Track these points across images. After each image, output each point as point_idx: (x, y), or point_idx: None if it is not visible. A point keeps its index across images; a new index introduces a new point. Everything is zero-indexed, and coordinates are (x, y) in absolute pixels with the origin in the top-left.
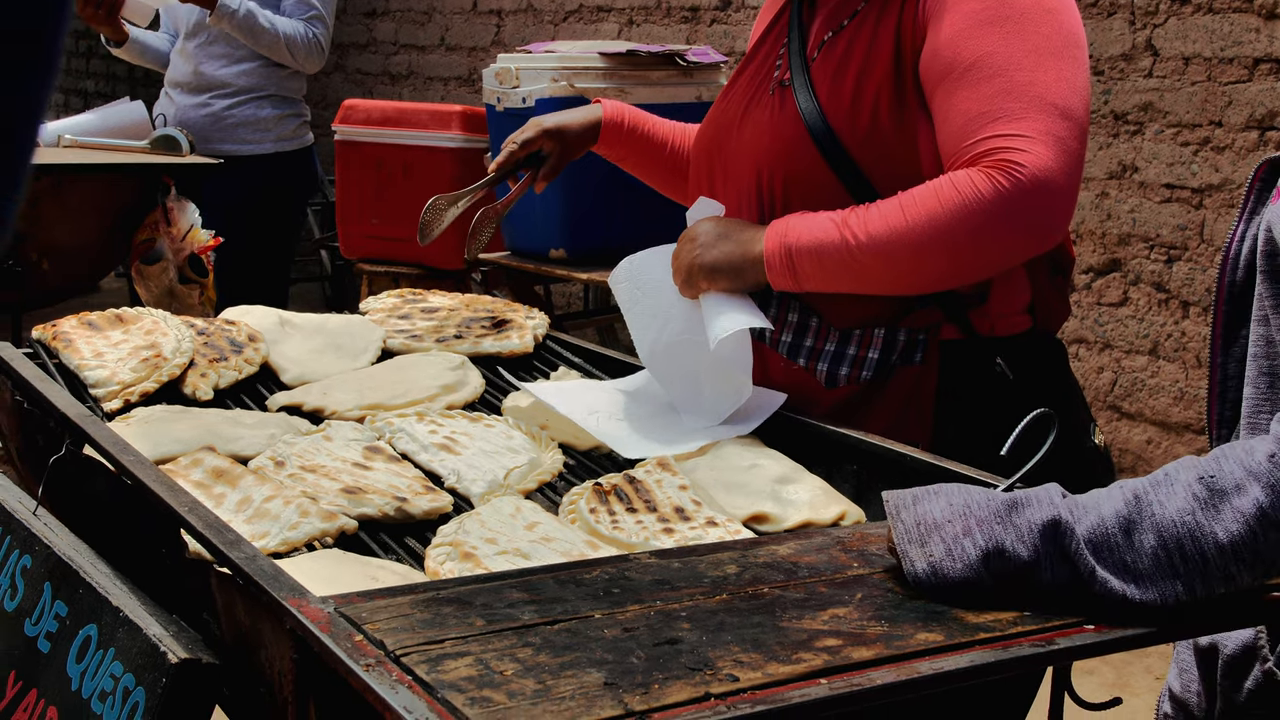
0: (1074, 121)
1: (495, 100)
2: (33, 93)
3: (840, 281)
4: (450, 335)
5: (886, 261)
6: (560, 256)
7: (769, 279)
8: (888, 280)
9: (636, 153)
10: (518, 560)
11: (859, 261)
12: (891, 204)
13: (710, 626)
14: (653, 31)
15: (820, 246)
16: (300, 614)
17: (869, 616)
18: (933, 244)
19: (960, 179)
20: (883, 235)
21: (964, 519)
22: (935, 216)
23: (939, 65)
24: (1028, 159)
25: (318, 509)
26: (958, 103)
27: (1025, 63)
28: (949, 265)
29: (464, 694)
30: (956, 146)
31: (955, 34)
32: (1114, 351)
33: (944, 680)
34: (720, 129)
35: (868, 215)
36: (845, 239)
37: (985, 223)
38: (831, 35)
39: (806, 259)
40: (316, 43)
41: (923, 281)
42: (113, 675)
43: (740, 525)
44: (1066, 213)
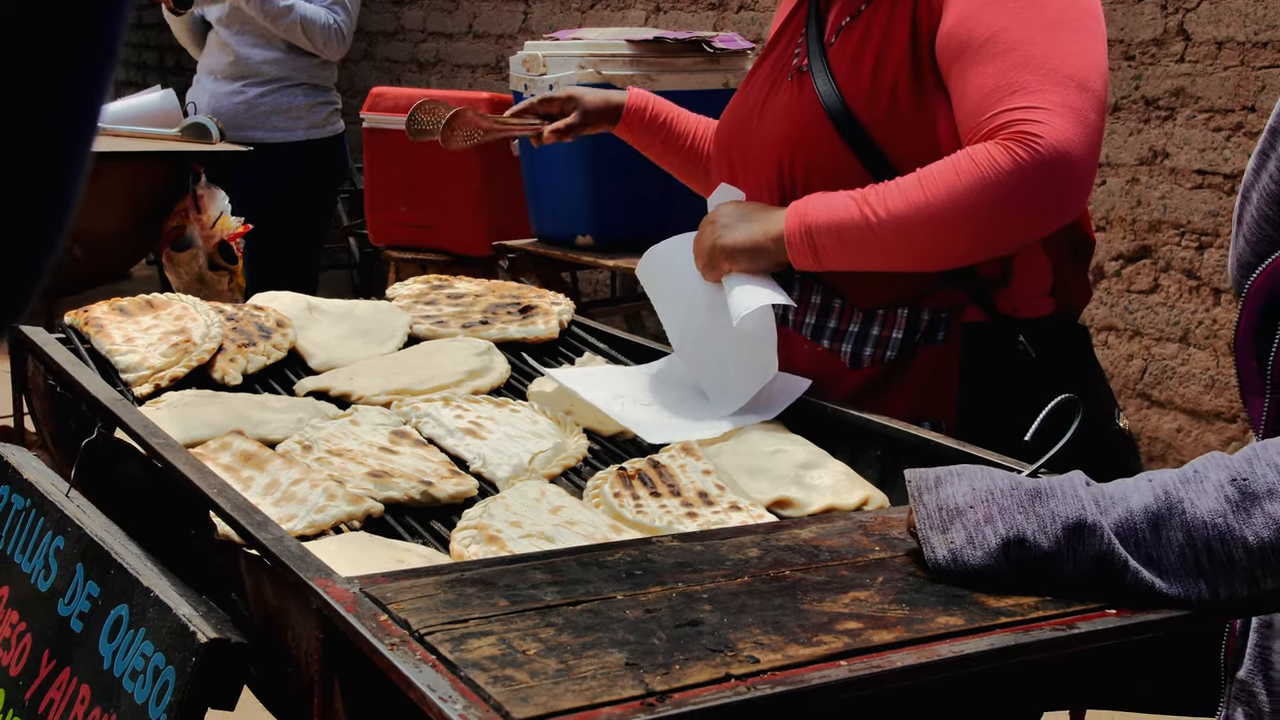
0: (1091, 93)
1: (523, 87)
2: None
3: (861, 259)
4: (476, 321)
5: (906, 237)
6: (587, 243)
7: (790, 258)
8: (908, 256)
9: (659, 141)
10: (542, 543)
11: (879, 238)
12: (910, 180)
13: (731, 608)
14: (679, 18)
15: (840, 224)
16: (326, 594)
17: (890, 600)
18: (952, 218)
19: (978, 152)
20: (902, 211)
21: (986, 505)
22: (954, 190)
23: (954, 43)
24: (1045, 130)
25: (344, 492)
26: (973, 78)
27: (1040, 36)
28: (969, 239)
29: (487, 673)
30: (974, 122)
31: (970, 11)
32: (1144, 339)
33: (964, 663)
34: (741, 117)
35: (887, 192)
36: (865, 216)
37: (1004, 195)
38: (849, 20)
39: (827, 237)
40: (338, 29)
41: (943, 257)
42: (143, 654)
43: (764, 510)
44: (1085, 184)
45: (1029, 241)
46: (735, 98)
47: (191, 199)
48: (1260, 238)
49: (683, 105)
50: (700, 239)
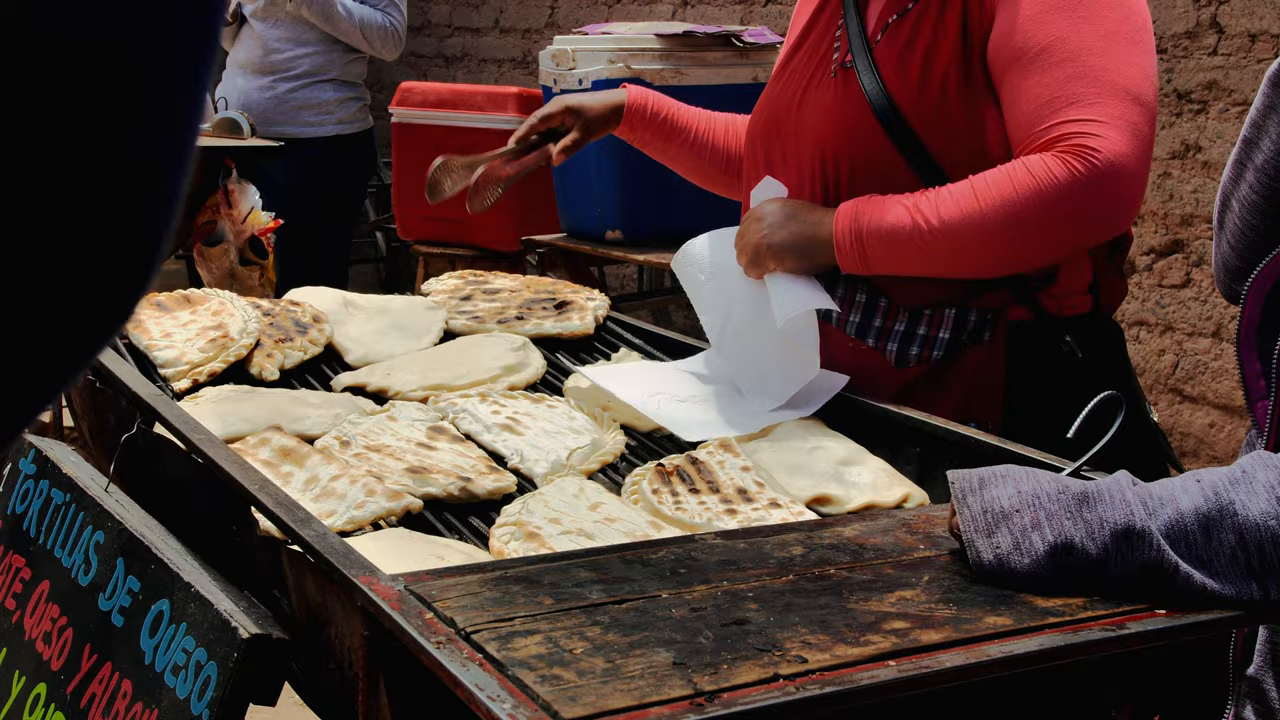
0: (1145, 107)
1: (552, 82)
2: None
3: (910, 265)
4: (512, 316)
5: (958, 246)
6: (616, 238)
7: (838, 261)
8: (958, 264)
9: (661, 138)
10: (581, 540)
11: (930, 245)
12: (963, 188)
13: (777, 607)
14: (707, 12)
15: (891, 230)
16: (371, 591)
17: (936, 599)
18: (1006, 228)
19: (1034, 164)
20: (955, 219)
21: (1033, 509)
22: (1009, 201)
23: (1009, 50)
24: (1102, 144)
25: (383, 488)
26: (1029, 87)
27: (1097, 47)
28: (1021, 250)
29: (534, 672)
30: (1028, 131)
31: (1026, 18)
32: (1175, 334)
33: (1013, 664)
34: (777, 111)
35: (939, 199)
36: (917, 223)
37: (1060, 207)
38: (896, 18)
39: (877, 242)
40: (394, 30)
41: (994, 266)
42: (185, 650)
43: (803, 507)
44: (1138, 197)
45: (1079, 252)
46: (768, 92)
47: (222, 194)
48: (1245, 244)
49: (712, 99)
50: (745, 235)
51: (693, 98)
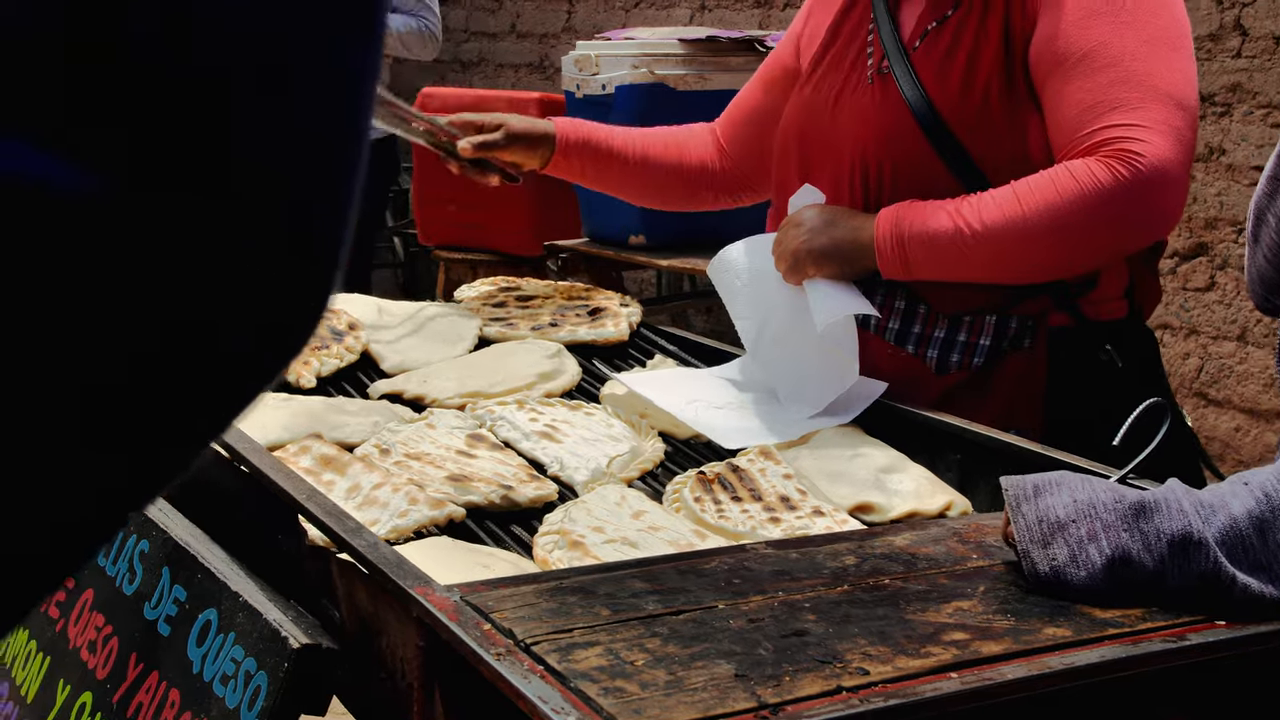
0: (1187, 111)
1: (574, 87)
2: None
3: (953, 270)
4: (545, 323)
5: (1001, 251)
6: (639, 243)
7: (879, 266)
8: (1001, 269)
9: (596, 163)
10: (626, 549)
11: (973, 251)
12: (1005, 193)
13: (835, 618)
14: (725, 16)
15: (934, 235)
16: (427, 602)
17: (994, 610)
18: (1050, 234)
19: (1078, 169)
20: (998, 224)
21: (1089, 520)
22: (1053, 206)
23: (1051, 55)
24: (1147, 149)
25: (426, 496)
26: (1072, 92)
27: (1140, 52)
28: (1064, 255)
29: (597, 684)
30: (1071, 136)
31: (1069, 24)
32: (1200, 337)
33: (1076, 675)
34: (809, 117)
35: (982, 204)
36: (959, 228)
37: (1104, 213)
38: (935, 25)
39: (919, 247)
40: (429, 32)
41: (1036, 271)
42: (234, 659)
43: (846, 515)
44: (1181, 202)
45: (1120, 257)
46: (796, 97)
47: None
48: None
49: None
50: (784, 241)
51: (716, 102)
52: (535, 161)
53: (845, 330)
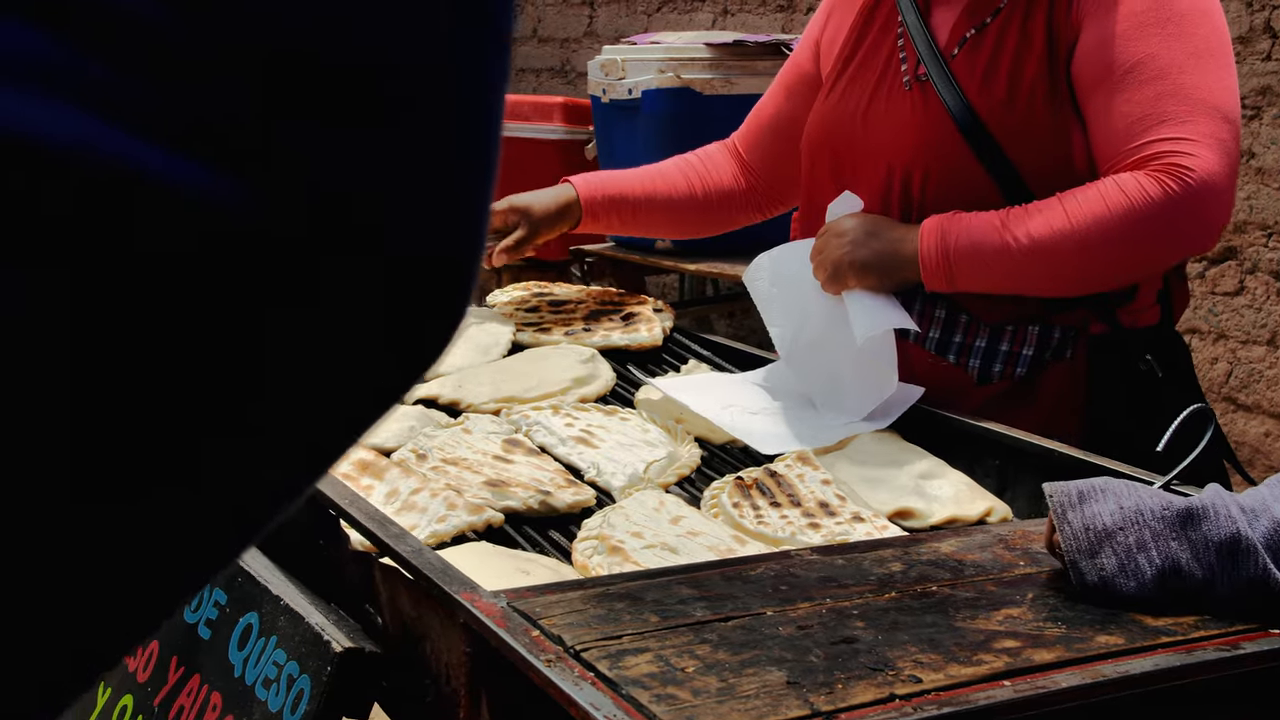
0: (1232, 124)
1: (600, 92)
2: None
3: (997, 283)
4: (579, 328)
5: (1048, 264)
6: (666, 247)
7: (923, 279)
8: (1047, 283)
9: (623, 215)
10: (666, 554)
11: (1019, 264)
12: (1052, 206)
13: (884, 625)
14: (748, 21)
15: (979, 248)
16: (474, 608)
17: (1044, 617)
18: (1098, 248)
19: (1127, 183)
20: (1046, 238)
21: (1137, 528)
22: (1102, 220)
23: (1096, 66)
24: (1196, 163)
25: (464, 501)
26: (1119, 105)
27: (1187, 65)
28: (1112, 269)
29: (649, 691)
30: (1118, 149)
31: (1114, 35)
32: (1229, 342)
33: (1130, 684)
34: (838, 125)
35: (1028, 217)
36: (1006, 242)
37: (1152, 227)
38: (974, 32)
39: (964, 261)
40: None
41: (1083, 285)
42: (276, 663)
43: (886, 520)
44: (1227, 215)
45: (1166, 269)
46: (823, 105)
47: None
48: None
49: None
50: (825, 250)
51: (742, 106)
52: (563, 227)
53: (884, 342)
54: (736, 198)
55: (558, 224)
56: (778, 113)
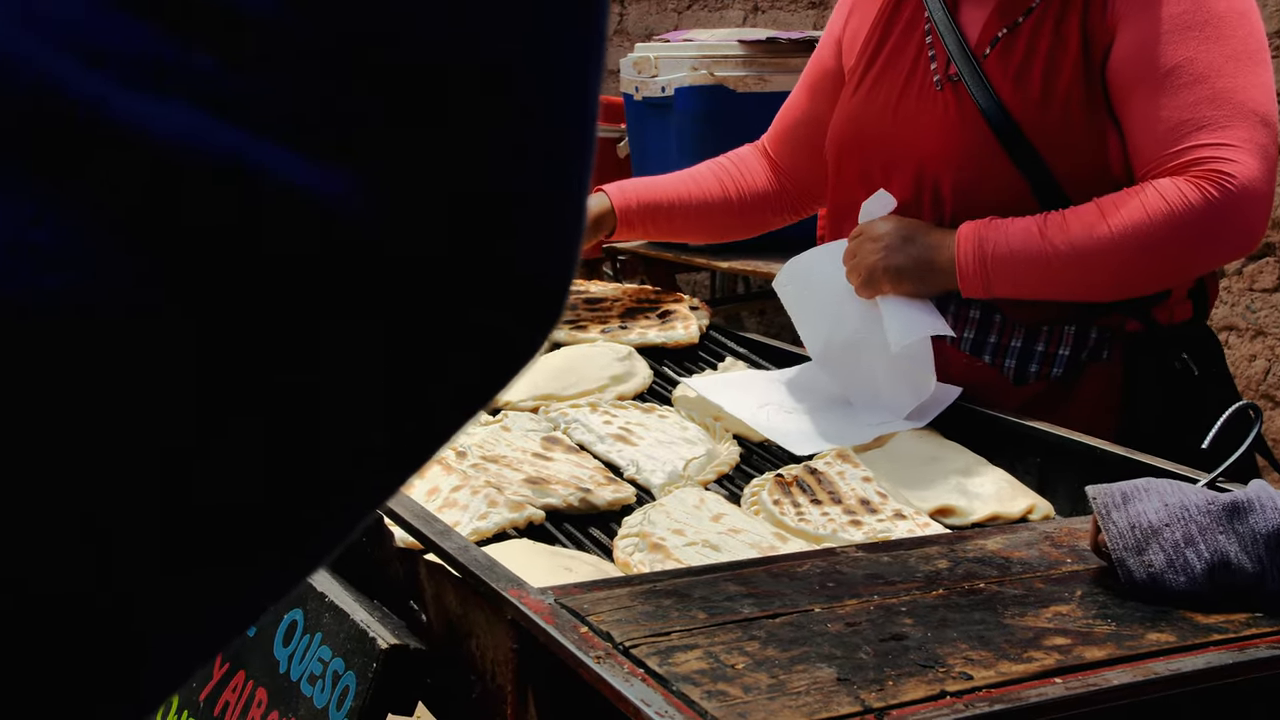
0: (1271, 128)
1: (633, 90)
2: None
3: (1035, 290)
4: (615, 326)
5: (1087, 271)
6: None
7: (959, 285)
8: (1085, 289)
9: (659, 221)
10: (707, 552)
11: (1058, 271)
12: (1090, 211)
13: (933, 622)
14: (779, 17)
15: (1017, 255)
16: (522, 605)
17: (1093, 615)
18: (1139, 254)
19: (1167, 189)
20: (1085, 245)
21: (1183, 524)
22: (1141, 226)
23: (1133, 69)
24: (1237, 169)
25: (505, 499)
26: (1157, 109)
27: (1226, 69)
28: (1152, 275)
29: (699, 687)
30: (1156, 154)
31: (1151, 38)
32: (1267, 339)
33: (1182, 681)
34: (864, 124)
35: (1066, 224)
36: (1045, 249)
37: (1194, 233)
38: (1006, 32)
39: (1002, 268)
40: None
41: (1121, 290)
42: (321, 660)
43: (928, 518)
44: (1267, 219)
45: (1205, 274)
46: (848, 104)
47: None
48: None
49: None
50: (859, 254)
51: (776, 104)
52: (598, 240)
53: (921, 346)
54: (770, 200)
55: (592, 235)
56: (804, 113)
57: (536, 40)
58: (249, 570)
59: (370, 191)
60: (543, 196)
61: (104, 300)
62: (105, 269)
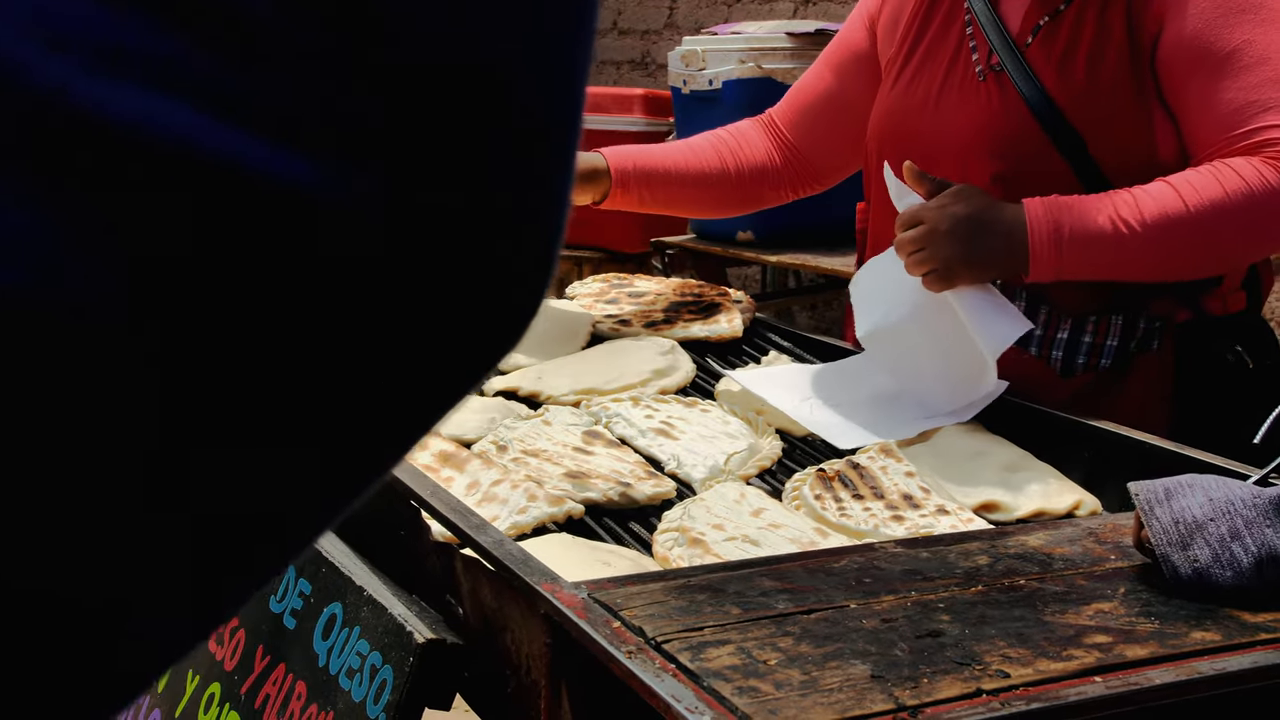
0: None
1: (681, 83)
2: None
3: (1105, 271)
4: (659, 320)
5: (1162, 250)
6: (747, 239)
7: (1031, 269)
8: (1156, 268)
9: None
10: (747, 547)
11: (1132, 250)
12: (1162, 190)
13: (970, 619)
14: (828, 9)
15: (1092, 235)
16: (555, 599)
17: (1136, 613)
18: (1215, 232)
19: (1242, 167)
20: (1161, 223)
21: (1229, 518)
22: (1220, 204)
23: (1189, 54)
24: None
25: (545, 493)
26: (1219, 92)
27: None
28: (1225, 253)
29: (730, 683)
30: (1219, 137)
31: (1206, 22)
32: None
33: (1227, 681)
34: (904, 116)
35: (1140, 202)
36: (1119, 228)
37: (1271, 212)
38: (1048, 20)
39: (1078, 249)
40: None
41: (1193, 270)
42: (359, 653)
43: (972, 514)
44: None
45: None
46: (887, 95)
47: None
48: None
49: None
50: (930, 246)
51: None
52: (589, 197)
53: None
54: (769, 174)
55: (584, 190)
56: (825, 90)
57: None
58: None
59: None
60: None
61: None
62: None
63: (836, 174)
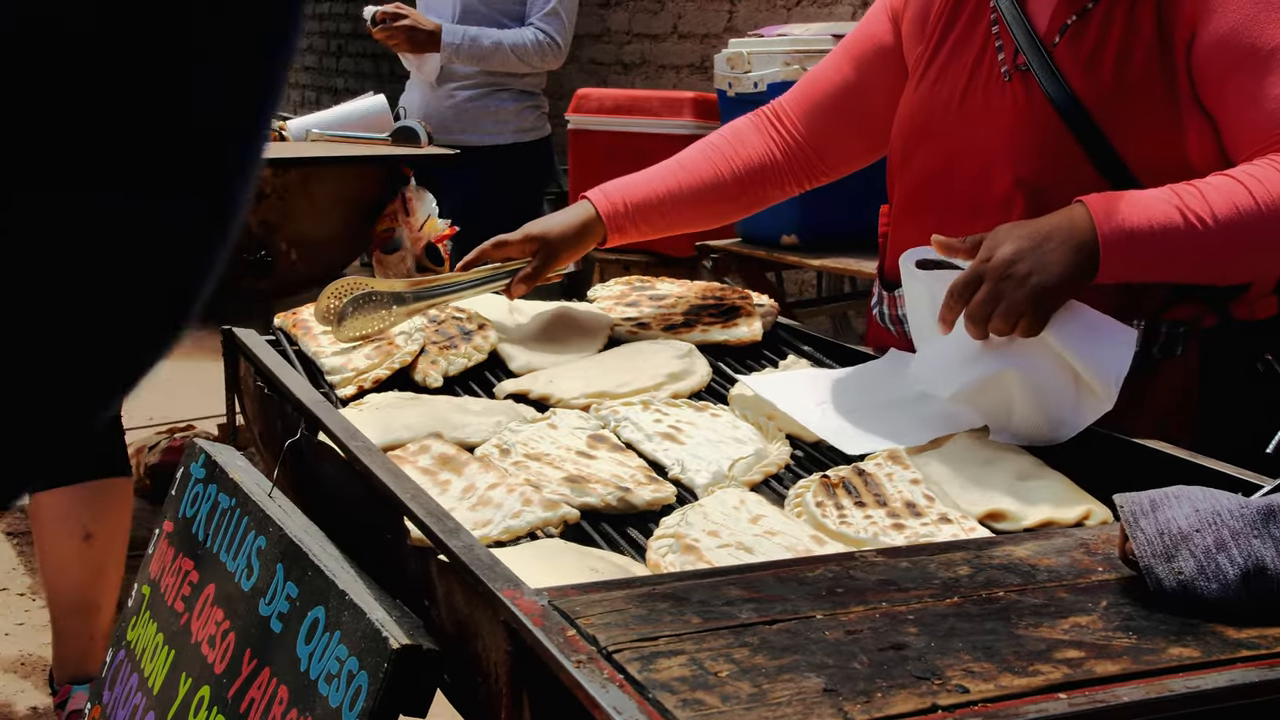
0: None
1: (726, 85)
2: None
3: (1163, 272)
4: (678, 323)
5: (1231, 247)
6: (792, 242)
7: (1101, 268)
8: (1221, 267)
9: (652, 219)
10: (740, 554)
11: (1201, 248)
12: (1228, 184)
13: (939, 632)
14: None
15: (1156, 233)
16: (514, 605)
17: (1114, 627)
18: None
19: None
20: (1232, 219)
21: (1215, 529)
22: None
23: (1230, 52)
24: None
25: (540, 498)
26: (1264, 89)
27: None
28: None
29: (676, 695)
30: (1268, 135)
31: (1246, 18)
32: None
33: (1201, 700)
34: (930, 116)
35: (1206, 197)
36: (1191, 224)
37: None
38: (1076, 19)
39: (1145, 249)
40: (551, 41)
41: (1258, 269)
42: (338, 658)
43: (975, 523)
44: None
45: None
46: (912, 97)
47: (400, 202)
48: None
49: None
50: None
51: None
52: (588, 248)
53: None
54: (769, 171)
55: (578, 245)
56: (843, 81)
57: None
58: None
59: None
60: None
61: None
62: None
63: (846, 166)
